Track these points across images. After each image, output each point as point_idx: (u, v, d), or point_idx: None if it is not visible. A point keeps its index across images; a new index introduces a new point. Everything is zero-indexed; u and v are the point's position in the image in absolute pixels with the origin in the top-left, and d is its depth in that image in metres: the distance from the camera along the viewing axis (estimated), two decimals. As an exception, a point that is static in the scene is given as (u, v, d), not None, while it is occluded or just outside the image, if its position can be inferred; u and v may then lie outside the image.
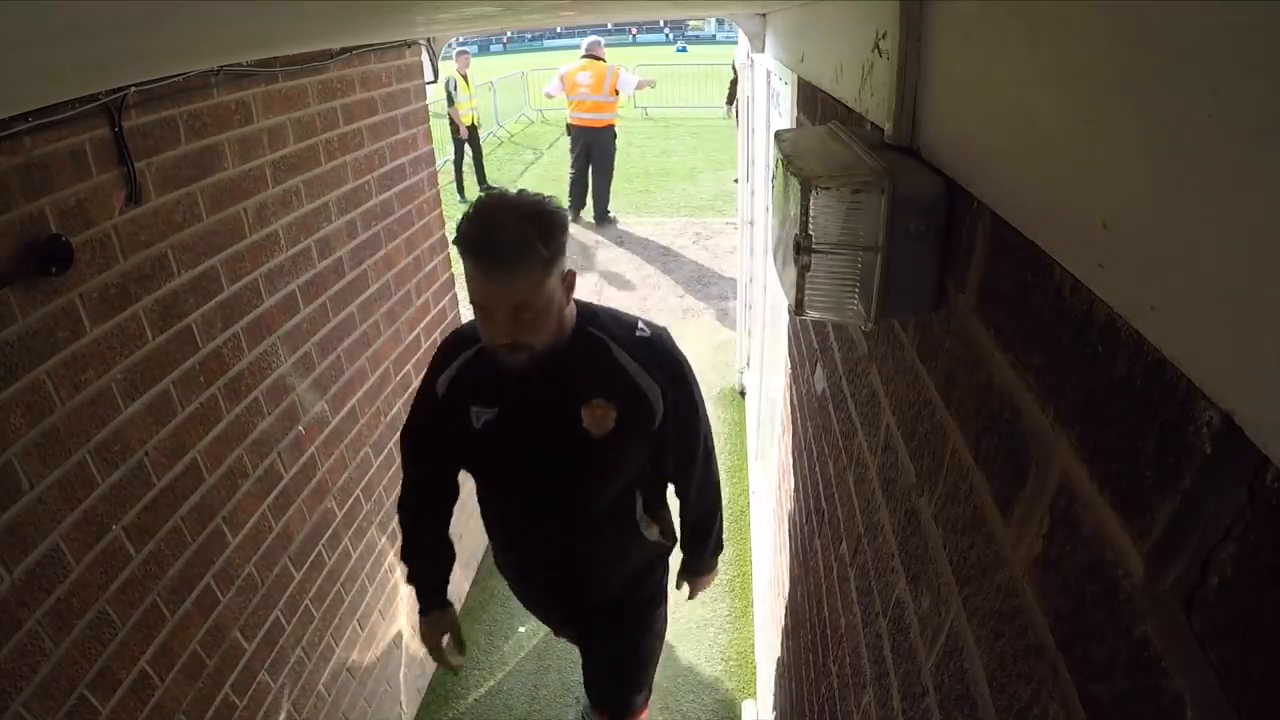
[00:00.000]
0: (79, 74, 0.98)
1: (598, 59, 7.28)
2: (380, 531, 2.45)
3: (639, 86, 8.20)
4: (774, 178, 0.78)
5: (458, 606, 3.03)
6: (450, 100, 8.64)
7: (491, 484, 1.60)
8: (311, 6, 0.74)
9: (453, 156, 9.21)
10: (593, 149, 7.47)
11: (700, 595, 2.01)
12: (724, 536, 1.84)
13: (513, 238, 1.13)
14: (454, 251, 1.26)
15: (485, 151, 9.45)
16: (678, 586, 1.92)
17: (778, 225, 0.74)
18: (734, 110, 8.83)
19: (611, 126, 7.50)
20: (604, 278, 6.43)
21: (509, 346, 1.23)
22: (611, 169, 7.69)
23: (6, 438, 1.14)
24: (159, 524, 1.47)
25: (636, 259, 6.86)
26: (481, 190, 9.15)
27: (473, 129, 8.95)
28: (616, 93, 7.40)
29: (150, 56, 1.02)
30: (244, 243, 1.72)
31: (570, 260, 1.27)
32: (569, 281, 1.27)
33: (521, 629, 3.00)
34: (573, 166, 7.70)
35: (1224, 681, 0.26)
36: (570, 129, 7.60)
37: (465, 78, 8.82)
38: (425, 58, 2.62)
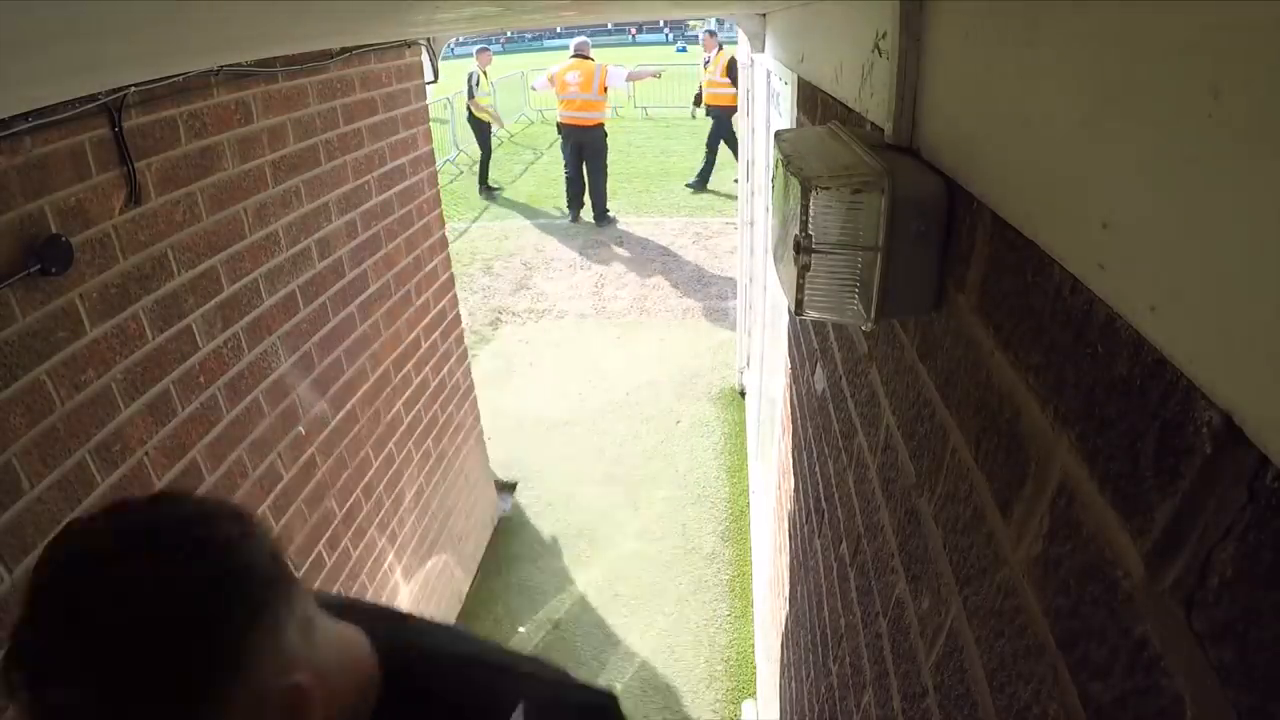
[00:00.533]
0: (79, 74, 0.98)
1: (586, 58, 7.45)
2: (380, 531, 2.44)
3: (630, 78, 8.46)
4: (774, 178, 0.78)
5: (458, 607, 3.05)
6: (470, 94, 8.87)
7: None
8: (311, 6, 0.74)
9: (452, 155, 9.30)
10: (584, 148, 7.54)
11: (700, 596, 1.94)
12: None
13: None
14: (454, 250, 1.02)
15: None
16: None
17: (778, 225, 0.74)
18: (699, 111, 9.20)
19: (601, 125, 7.57)
20: (604, 278, 6.44)
21: None
22: (605, 167, 7.75)
23: (6, 438, 1.14)
24: (159, 524, 1.47)
25: (636, 259, 6.86)
26: (481, 194, 9.16)
27: (487, 125, 9.11)
28: (605, 90, 7.53)
29: (150, 56, 1.02)
30: (244, 243, 1.72)
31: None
32: (288, 702, 0.55)
33: (521, 629, 3.00)
34: (566, 167, 7.79)
35: (1224, 681, 0.26)
36: (560, 128, 7.71)
37: (485, 74, 9.04)
38: (425, 58, 2.62)
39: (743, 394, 4.42)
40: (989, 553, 0.49)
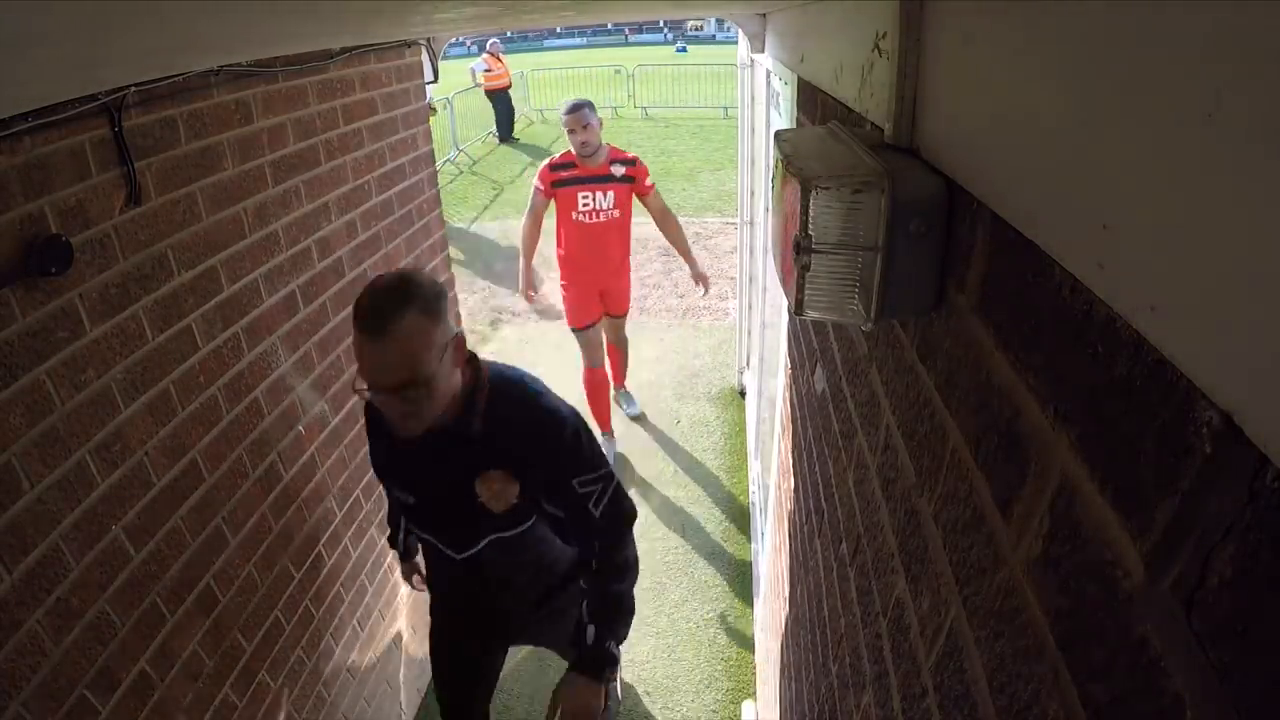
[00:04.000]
0: (79, 74, 0.98)
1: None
2: (380, 532, 2.44)
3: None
4: (774, 178, 0.78)
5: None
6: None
7: None
8: (311, 6, 0.74)
9: (452, 155, 11.15)
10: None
11: (700, 595, 1.96)
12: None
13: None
14: (454, 251, 1.28)
15: (483, 154, 9.61)
16: None
17: (778, 225, 0.74)
18: None
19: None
20: (604, 278, 6.43)
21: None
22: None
23: (6, 438, 1.14)
24: (159, 524, 1.46)
25: (637, 259, 6.85)
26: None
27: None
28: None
29: (150, 56, 1.02)
30: (244, 243, 1.72)
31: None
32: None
33: (521, 629, 3.00)
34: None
35: (1224, 681, 0.26)
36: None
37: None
38: (425, 58, 2.62)
39: (743, 394, 4.42)
40: (989, 553, 0.49)
